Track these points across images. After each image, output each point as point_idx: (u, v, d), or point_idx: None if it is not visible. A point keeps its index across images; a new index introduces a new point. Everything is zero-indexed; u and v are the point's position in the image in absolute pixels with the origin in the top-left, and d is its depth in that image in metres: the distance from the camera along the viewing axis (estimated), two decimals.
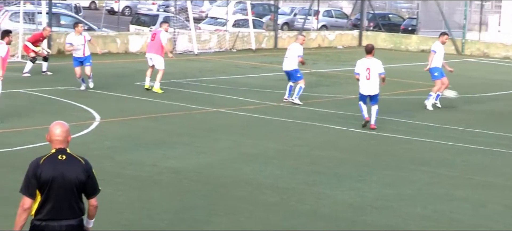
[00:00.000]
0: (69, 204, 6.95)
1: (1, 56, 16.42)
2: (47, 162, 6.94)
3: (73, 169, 6.96)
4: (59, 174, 6.90)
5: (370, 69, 18.16)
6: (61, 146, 7.02)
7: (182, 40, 34.25)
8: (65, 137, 7.05)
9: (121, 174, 13.00)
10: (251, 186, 12.74)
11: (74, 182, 6.95)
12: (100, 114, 18.07)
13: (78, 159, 7.03)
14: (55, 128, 7.05)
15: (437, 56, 21.49)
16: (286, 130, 17.80)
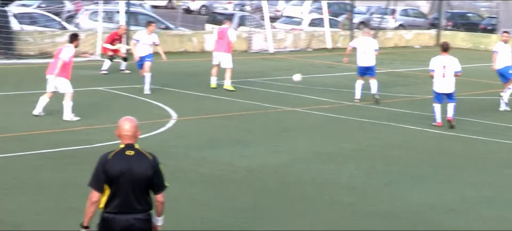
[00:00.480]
0: (136, 198, 7.06)
1: (63, 59, 16.72)
2: (116, 157, 7.07)
3: (141, 164, 7.07)
4: (126, 169, 7.02)
5: (446, 67, 17.96)
6: (130, 141, 7.14)
7: (258, 39, 34.35)
8: (134, 132, 7.17)
9: (197, 172, 13.13)
10: (326, 186, 12.72)
11: (141, 177, 7.05)
12: (177, 113, 18.27)
13: (145, 155, 7.14)
14: (125, 123, 7.18)
15: (502, 56, 21.09)
16: (362, 129, 17.70)
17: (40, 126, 16.16)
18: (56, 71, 16.73)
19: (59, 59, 16.72)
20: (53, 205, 10.88)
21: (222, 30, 23.03)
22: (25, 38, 27.50)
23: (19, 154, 13.71)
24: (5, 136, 15.06)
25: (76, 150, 14.19)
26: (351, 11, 40.28)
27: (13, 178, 12.12)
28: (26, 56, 26.48)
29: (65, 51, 16.84)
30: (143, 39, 21.34)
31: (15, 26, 27.85)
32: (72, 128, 16.08)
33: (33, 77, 22.70)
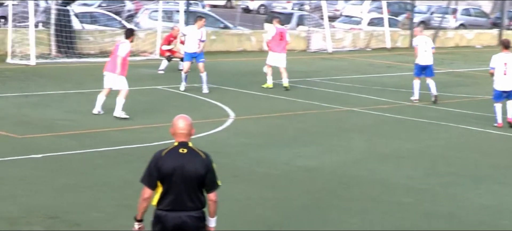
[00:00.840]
0: (189, 196, 7.08)
1: (121, 56, 16.85)
2: (169, 154, 7.11)
3: (193, 162, 7.08)
4: (179, 167, 7.04)
5: (507, 64, 17.70)
6: (184, 140, 7.17)
7: (316, 38, 34.26)
8: (188, 130, 7.19)
9: (254, 171, 13.14)
10: (384, 186, 12.62)
11: (193, 175, 7.06)
12: (234, 112, 18.32)
13: (199, 153, 7.15)
14: (179, 121, 7.20)
15: None
16: (421, 130, 17.53)
17: (99, 124, 16.36)
18: (118, 70, 16.89)
19: (118, 57, 16.86)
20: (111, 203, 11.00)
21: (281, 31, 22.95)
22: (86, 37, 27.87)
23: (79, 152, 13.90)
24: (65, 134, 15.27)
25: (133, 148, 14.33)
26: (411, 10, 39.89)
27: (73, 176, 12.29)
28: (86, 55, 26.84)
29: (122, 47, 16.96)
30: (191, 34, 21.19)
31: (76, 25, 28.24)
32: (130, 126, 16.24)
33: (93, 76, 22.98)
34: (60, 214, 10.34)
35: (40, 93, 19.70)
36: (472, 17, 50.81)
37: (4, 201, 10.76)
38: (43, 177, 12.08)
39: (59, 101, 18.78)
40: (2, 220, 9.99)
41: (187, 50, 21.24)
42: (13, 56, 25.06)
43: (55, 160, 13.23)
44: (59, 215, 10.29)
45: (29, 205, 10.67)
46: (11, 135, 14.85)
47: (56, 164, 12.95)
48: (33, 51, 24.81)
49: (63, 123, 16.25)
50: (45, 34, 26.82)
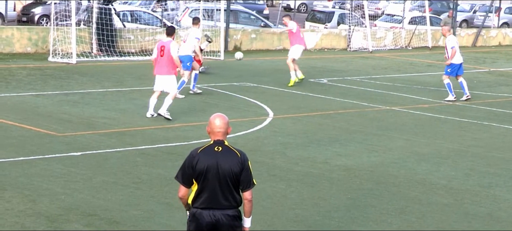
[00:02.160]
0: (223, 194, 7.08)
1: (176, 56, 16.75)
2: (204, 152, 7.12)
3: (228, 160, 7.08)
4: (213, 164, 7.05)
5: None
6: (220, 138, 7.17)
7: (357, 37, 34.13)
8: (225, 129, 7.19)
9: (293, 170, 13.12)
10: (423, 186, 12.53)
11: (228, 173, 7.06)
12: (273, 111, 18.32)
13: (234, 151, 7.14)
14: (216, 119, 7.21)
15: None
16: (462, 129, 17.37)
17: (138, 122, 16.46)
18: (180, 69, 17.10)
19: (174, 57, 16.73)
20: (150, 201, 11.06)
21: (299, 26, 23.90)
22: (127, 35, 28.07)
23: (119, 150, 13.99)
24: (106, 132, 15.39)
25: (172, 147, 14.39)
26: (454, 9, 39.54)
27: (112, 173, 12.38)
28: (127, 53, 27.03)
29: (174, 47, 16.83)
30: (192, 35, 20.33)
31: (117, 23, 28.46)
32: (169, 125, 16.32)
33: (133, 74, 23.16)
34: (99, 212, 10.42)
35: (80, 91, 19.88)
36: None
37: (43, 199, 10.88)
38: (82, 175, 12.19)
39: (99, 99, 18.94)
40: (41, 217, 10.10)
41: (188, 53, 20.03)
42: (55, 55, 25.33)
43: (94, 157, 13.34)
44: (98, 213, 10.38)
45: (68, 202, 10.77)
46: (51, 133, 15.00)
47: (95, 161, 13.06)
48: (74, 49, 25.06)
49: (103, 121, 16.38)
50: (86, 33, 27.08)
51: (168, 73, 16.81)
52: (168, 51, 16.70)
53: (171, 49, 16.70)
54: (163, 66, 16.80)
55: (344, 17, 36.57)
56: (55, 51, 25.45)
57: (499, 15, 45.18)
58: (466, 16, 49.73)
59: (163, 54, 16.77)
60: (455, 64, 20.89)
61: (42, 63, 24.50)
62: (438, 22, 40.28)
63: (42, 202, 10.73)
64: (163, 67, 16.80)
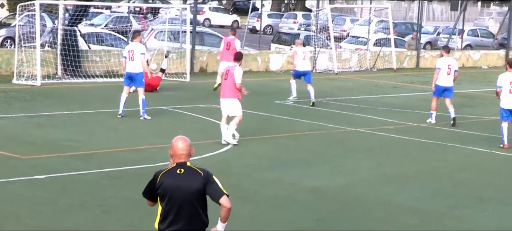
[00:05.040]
0: (189, 216, 7.07)
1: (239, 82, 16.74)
2: (166, 175, 7.15)
3: (191, 181, 7.08)
4: (175, 187, 7.07)
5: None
6: (183, 160, 7.18)
7: (323, 59, 34.30)
8: (188, 151, 7.21)
9: (260, 192, 13.12)
10: (389, 208, 12.59)
11: (192, 193, 7.06)
12: (240, 132, 18.29)
13: (197, 171, 7.15)
14: (178, 142, 7.23)
15: None
16: (427, 151, 17.50)
17: (104, 144, 16.37)
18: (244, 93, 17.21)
19: (237, 83, 16.79)
20: (116, 224, 10.98)
21: (229, 41, 24.93)
22: (92, 57, 27.94)
23: (85, 172, 13.89)
24: (71, 154, 15.28)
25: (139, 169, 14.32)
26: (418, 31, 39.94)
27: (78, 196, 12.28)
28: (93, 75, 26.90)
29: (238, 73, 16.85)
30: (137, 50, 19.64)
31: (83, 45, 28.31)
32: (136, 147, 16.25)
33: (99, 96, 23.05)
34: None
35: (45, 113, 19.73)
36: (478, 37, 50.83)
37: (8, 222, 10.75)
38: (47, 198, 12.08)
39: (65, 121, 18.81)
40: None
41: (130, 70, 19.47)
42: (19, 77, 25.13)
43: (60, 180, 13.23)
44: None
45: (33, 226, 10.66)
46: (16, 156, 14.86)
47: (60, 184, 12.95)
48: (39, 71, 24.90)
49: (68, 144, 16.26)
50: (51, 55, 26.91)
51: (232, 97, 16.91)
52: (232, 75, 16.84)
53: (235, 74, 16.81)
54: (227, 90, 16.94)
55: (309, 39, 36.73)
56: (19, 73, 25.25)
57: (462, 37, 45.71)
58: (430, 38, 50.24)
59: (227, 78, 16.93)
60: (439, 85, 20.95)
61: (6, 85, 24.30)
62: (402, 44, 40.63)
63: (6, 225, 10.61)
64: (227, 91, 16.94)
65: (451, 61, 21.27)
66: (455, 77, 21.13)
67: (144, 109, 19.41)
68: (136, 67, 19.45)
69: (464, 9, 42.43)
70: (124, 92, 19.47)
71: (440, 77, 20.80)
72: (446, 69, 20.77)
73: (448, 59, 21.16)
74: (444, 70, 20.79)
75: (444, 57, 21.29)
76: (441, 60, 21.30)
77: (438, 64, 21.26)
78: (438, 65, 21.13)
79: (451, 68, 20.86)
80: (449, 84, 20.84)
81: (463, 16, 42.74)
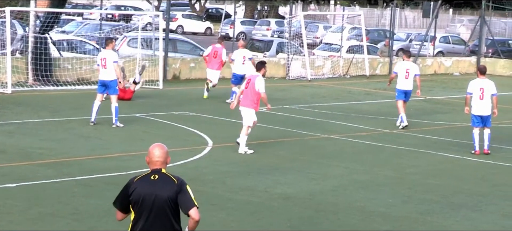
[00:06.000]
0: (161, 224, 7.07)
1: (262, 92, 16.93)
2: (140, 181, 7.14)
3: (164, 188, 7.08)
4: (148, 193, 7.06)
5: (483, 89, 17.97)
6: (159, 167, 7.18)
7: (296, 65, 34.38)
8: (164, 159, 7.22)
9: (233, 199, 13.13)
10: (362, 214, 12.65)
11: (164, 200, 7.06)
12: (213, 140, 18.31)
13: (171, 179, 7.15)
14: (155, 149, 7.24)
15: None
16: (399, 157, 17.60)
17: (76, 152, 16.30)
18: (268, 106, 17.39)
19: (260, 93, 16.95)
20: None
21: (216, 49, 25.51)
22: (64, 64, 27.80)
23: (56, 181, 13.82)
24: (42, 162, 15.20)
25: (111, 177, 14.28)
26: (391, 38, 40.16)
27: (49, 205, 12.22)
28: (64, 83, 26.77)
29: (259, 82, 16.95)
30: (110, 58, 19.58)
31: (54, 53, 28.17)
32: (107, 155, 16.20)
33: (71, 104, 22.93)
34: None
35: (15, 121, 19.60)
36: (450, 44, 51.23)
37: None
38: (18, 207, 12.00)
39: (35, 129, 18.70)
40: None
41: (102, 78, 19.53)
42: None
43: (31, 189, 13.15)
44: None
45: None
46: None
47: (31, 193, 12.88)
48: (9, 79, 24.74)
49: (39, 151, 16.17)
50: (22, 62, 26.74)
51: (249, 106, 17.06)
52: (253, 85, 17.00)
53: (256, 83, 16.96)
54: (245, 99, 17.14)
55: (282, 46, 36.81)
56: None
57: (435, 44, 46.03)
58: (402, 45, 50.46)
59: (248, 87, 17.11)
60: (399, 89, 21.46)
61: None
62: (375, 51, 40.83)
63: None
64: (245, 100, 17.14)
65: (410, 65, 21.86)
66: (418, 82, 21.73)
67: (117, 117, 19.36)
68: (109, 74, 19.41)
69: (436, 16, 42.73)
70: (97, 100, 19.42)
71: (399, 82, 21.51)
72: (404, 73, 21.49)
73: (406, 64, 21.80)
74: (402, 74, 21.51)
75: (403, 62, 22.10)
76: (399, 64, 22.23)
77: (395, 68, 22.34)
78: (395, 69, 22.15)
79: (410, 73, 21.49)
80: (408, 88, 21.50)
81: (435, 23, 43.07)
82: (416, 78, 21.62)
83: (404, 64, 21.79)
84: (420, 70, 37.87)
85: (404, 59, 22.09)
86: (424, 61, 40.40)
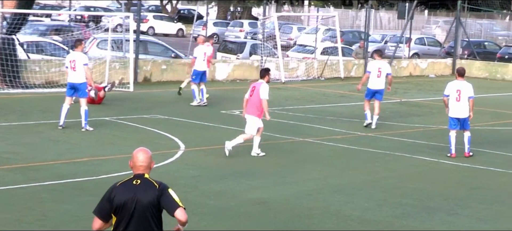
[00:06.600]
0: (142, 230, 7.02)
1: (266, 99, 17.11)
2: (122, 186, 7.11)
3: (146, 193, 7.06)
4: (130, 198, 7.03)
5: (460, 91, 18.08)
6: (142, 172, 7.15)
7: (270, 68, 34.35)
8: (148, 163, 7.20)
9: (206, 204, 13.09)
10: (337, 218, 12.67)
11: (146, 206, 7.04)
12: (185, 143, 18.26)
13: (153, 184, 7.12)
14: (139, 154, 7.22)
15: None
16: (375, 160, 17.65)
17: (44, 156, 16.18)
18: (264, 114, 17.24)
19: (263, 101, 17.02)
20: None
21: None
22: (32, 67, 27.60)
23: (23, 186, 13.71)
24: (9, 167, 15.07)
25: (80, 182, 14.19)
26: (366, 39, 40.32)
27: (16, 211, 12.11)
28: (32, 85, 26.57)
29: (263, 90, 17.04)
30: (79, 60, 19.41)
31: (22, 55, 27.96)
32: (77, 159, 16.09)
33: (39, 107, 22.77)
34: None
35: None
36: (426, 46, 51.57)
37: None
38: None
39: (2, 133, 18.54)
40: None
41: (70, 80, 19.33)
42: None
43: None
44: None
45: None
46: None
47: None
48: None
49: (6, 156, 16.03)
50: None
51: (254, 115, 17.16)
52: (257, 92, 17.04)
53: (260, 90, 17.02)
54: (250, 106, 17.20)
55: (256, 47, 36.83)
56: None
57: (410, 46, 46.29)
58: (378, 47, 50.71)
59: (253, 94, 17.14)
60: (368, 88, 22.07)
61: None
62: (349, 53, 40.98)
63: None
64: (250, 108, 17.23)
65: (382, 64, 22.31)
66: (390, 80, 22.33)
67: (86, 120, 19.24)
68: (78, 77, 19.28)
69: (411, 17, 42.97)
70: (65, 103, 19.30)
71: (370, 81, 21.99)
72: (376, 72, 21.91)
73: (378, 63, 22.26)
74: (374, 73, 21.95)
75: (375, 61, 22.58)
76: (372, 63, 22.75)
77: (368, 67, 22.97)
78: (368, 68, 22.67)
79: (381, 71, 21.92)
80: (380, 87, 21.92)
81: (410, 25, 43.31)
82: (389, 77, 22.16)
83: (376, 63, 22.25)
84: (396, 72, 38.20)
85: (376, 58, 22.64)
86: (400, 63, 40.59)
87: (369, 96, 21.99)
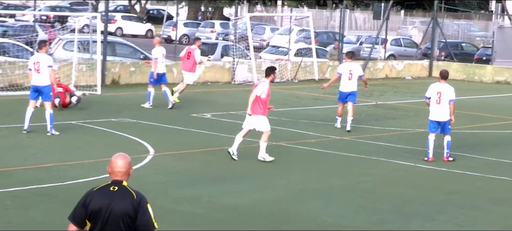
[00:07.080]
0: None
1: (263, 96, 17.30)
2: (99, 191, 7.08)
3: (122, 201, 7.03)
4: (106, 205, 7.00)
5: (441, 94, 18.20)
6: (120, 178, 7.13)
7: (242, 69, 34.41)
8: (126, 170, 7.17)
9: (176, 211, 13.07)
10: (312, 224, 12.69)
11: (120, 214, 7.00)
12: (154, 148, 18.21)
13: (130, 192, 7.09)
14: (117, 159, 7.20)
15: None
16: (350, 165, 17.71)
17: (8, 162, 16.07)
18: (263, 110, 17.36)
19: (256, 95, 17.19)
20: None
21: (190, 50, 25.56)
22: None
23: None
24: None
25: (46, 188, 14.11)
26: (340, 40, 40.44)
27: None
28: None
29: (261, 87, 17.25)
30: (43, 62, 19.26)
31: None
32: (44, 164, 16.01)
33: (2, 111, 22.61)
34: None
35: None
36: (402, 47, 51.83)
37: None
38: None
39: None
40: None
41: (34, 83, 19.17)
42: None
43: None
44: None
45: None
46: None
47: None
48: None
49: None
50: None
51: (259, 113, 17.26)
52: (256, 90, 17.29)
53: (257, 88, 17.35)
54: (255, 106, 17.34)
55: (228, 49, 36.85)
56: None
57: (386, 47, 46.50)
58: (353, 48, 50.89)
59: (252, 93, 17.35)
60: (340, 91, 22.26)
61: None
62: (324, 54, 41.09)
63: None
64: (253, 107, 17.36)
65: (353, 66, 22.51)
66: (365, 80, 22.85)
67: (51, 124, 19.13)
68: (42, 80, 19.16)
69: (387, 18, 43.19)
70: (30, 107, 19.18)
71: (342, 83, 22.21)
72: (347, 75, 22.15)
73: (350, 65, 22.47)
74: (346, 75, 22.20)
75: (346, 63, 22.84)
76: (342, 65, 23.04)
77: (339, 69, 23.09)
78: (339, 70, 22.84)
79: (353, 74, 22.14)
80: (352, 89, 22.16)
81: (386, 25, 43.52)
82: (362, 78, 22.49)
83: (347, 65, 22.44)
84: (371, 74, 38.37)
85: (347, 60, 22.86)
86: (375, 64, 40.76)
87: (342, 100, 22.19)
